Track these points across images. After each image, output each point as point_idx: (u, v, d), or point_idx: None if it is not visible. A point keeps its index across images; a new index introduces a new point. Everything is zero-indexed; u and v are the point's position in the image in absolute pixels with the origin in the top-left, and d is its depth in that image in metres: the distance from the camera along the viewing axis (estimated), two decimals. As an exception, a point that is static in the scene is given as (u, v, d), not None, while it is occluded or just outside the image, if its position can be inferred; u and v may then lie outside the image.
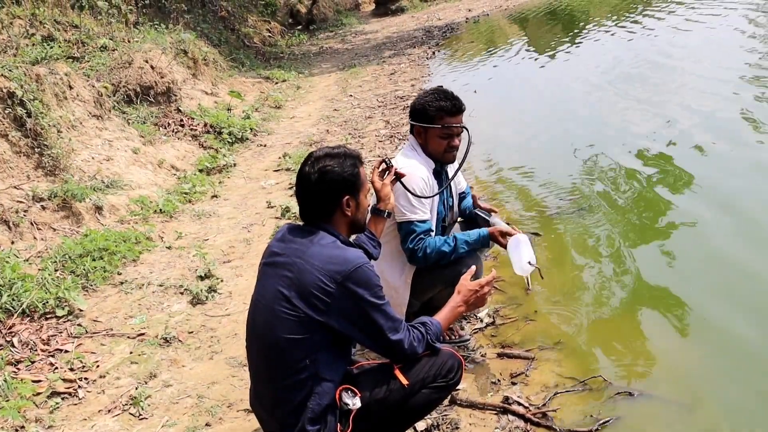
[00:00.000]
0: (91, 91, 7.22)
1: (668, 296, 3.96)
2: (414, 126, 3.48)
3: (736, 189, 5.17)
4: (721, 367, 3.32)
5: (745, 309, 3.72)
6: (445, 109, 3.38)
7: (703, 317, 3.71)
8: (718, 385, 3.18)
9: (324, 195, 2.54)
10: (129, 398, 3.61)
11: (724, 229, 4.63)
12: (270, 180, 7.32)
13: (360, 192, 2.61)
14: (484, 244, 3.48)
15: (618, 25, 13.32)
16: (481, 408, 3.20)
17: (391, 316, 2.48)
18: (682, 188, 5.36)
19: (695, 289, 3.98)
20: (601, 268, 4.41)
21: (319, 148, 2.64)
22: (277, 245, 2.57)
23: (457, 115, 3.41)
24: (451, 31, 17.60)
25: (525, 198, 5.83)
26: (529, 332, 3.80)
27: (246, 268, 5.11)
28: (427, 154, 3.47)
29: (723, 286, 3.99)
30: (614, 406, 3.06)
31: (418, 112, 3.44)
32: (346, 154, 2.59)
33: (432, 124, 3.39)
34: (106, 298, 4.74)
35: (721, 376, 3.25)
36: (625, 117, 7.53)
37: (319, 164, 2.54)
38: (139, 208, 6.20)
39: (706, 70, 8.75)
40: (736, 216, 4.78)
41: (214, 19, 15.09)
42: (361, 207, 2.63)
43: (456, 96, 3.45)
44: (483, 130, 7.58)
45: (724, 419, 2.97)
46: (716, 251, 4.40)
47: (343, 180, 2.54)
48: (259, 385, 2.59)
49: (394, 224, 3.37)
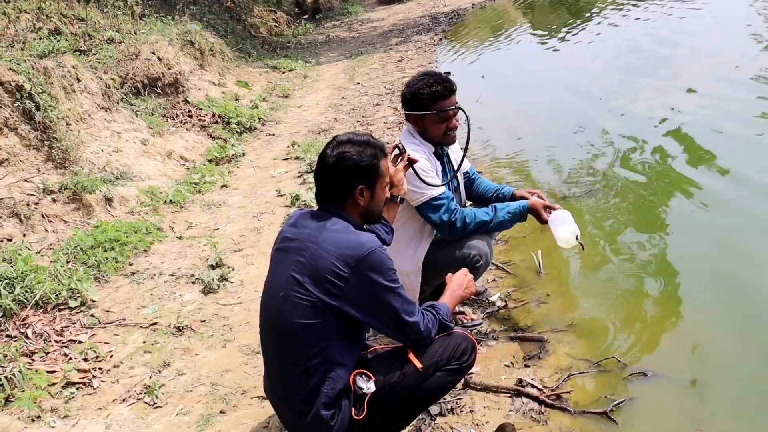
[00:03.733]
0: (99, 84, 7.22)
1: (681, 275, 3.94)
2: (409, 115, 3.44)
3: (752, 170, 5.12)
4: (736, 346, 3.31)
5: (762, 288, 3.70)
6: (438, 93, 3.35)
7: (718, 297, 3.70)
8: (733, 365, 3.17)
9: (338, 180, 2.53)
10: (143, 387, 3.62)
11: (738, 209, 4.60)
12: (279, 169, 7.32)
13: (377, 183, 2.58)
14: (522, 218, 3.46)
15: (625, 9, 13.19)
16: (494, 391, 3.20)
17: (406, 299, 2.48)
18: (694, 169, 5.32)
19: (709, 269, 3.97)
20: (612, 249, 4.39)
21: (345, 133, 2.62)
22: (290, 230, 2.56)
23: (450, 97, 3.38)
24: (458, 18, 17.49)
25: (533, 181, 5.81)
26: (541, 315, 3.80)
27: (257, 256, 5.11)
28: (426, 140, 3.45)
29: (738, 265, 3.97)
30: (628, 387, 3.07)
31: (410, 101, 3.40)
32: (368, 143, 2.57)
33: (427, 110, 3.36)
34: (118, 288, 4.76)
35: (736, 356, 3.23)
36: (633, 100, 7.48)
37: (339, 149, 2.53)
38: (149, 199, 6.20)
39: (716, 53, 8.67)
40: (751, 196, 4.75)
41: (220, 10, 15.05)
42: (376, 198, 2.60)
43: (446, 77, 3.40)
44: (491, 114, 7.54)
45: (739, 398, 2.96)
46: (730, 231, 4.37)
47: (359, 168, 2.52)
48: (272, 371, 2.59)
49: (405, 209, 3.35)
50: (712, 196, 4.84)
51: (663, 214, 4.76)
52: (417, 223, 3.49)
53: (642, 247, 4.34)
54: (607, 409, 2.91)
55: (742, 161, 5.26)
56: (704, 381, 3.05)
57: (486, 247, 3.47)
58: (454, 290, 2.83)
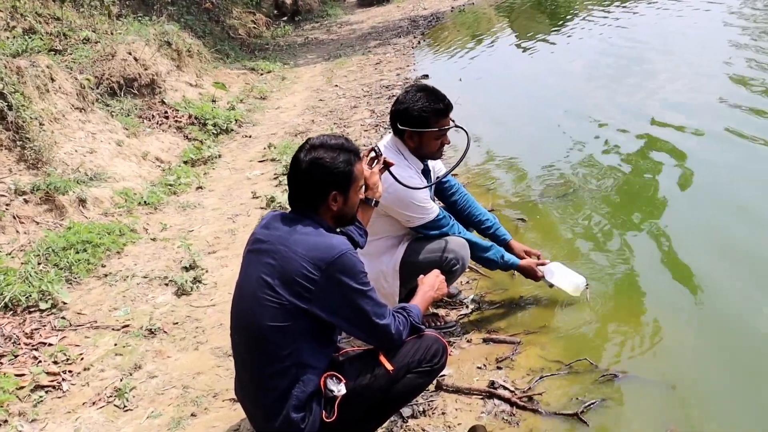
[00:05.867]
0: (74, 84, 7.15)
1: (652, 278, 3.97)
2: (405, 131, 3.43)
3: (726, 169, 5.22)
4: (706, 347, 3.33)
5: (730, 291, 3.74)
6: (441, 111, 3.40)
7: (688, 299, 3.73)
8: (703, 366, 3.20)
9: (311, 186, 2.50)
10: (113, 390, 3.59)
11: (711, 211, 4.67)
12: (255, 171, 7.29)
13: (350, 188, 2.56)
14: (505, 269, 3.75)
15: (604, 13, 13.31)
16: (467, 393, 3.20)
17: (377, 301, 2.47)
18: (668, 173, 5.37)
19: (680, 271, 3.99)
20: (585, 253, 4.41)
21: (318, 136, 2.58)
22: (262, 232, 2.55)
23: (449, 114, 3.45)
24: (437, 21, 17.53)
25: (510, 184, 5.83)
26: (514, 317, 3.81)
27: (231, 258, 5.08)
28: (417, 156, 3.49)
29: (708, 268, 4.00)
30: (599, 389, 3.07)
31: (412, 119, 3.39)
32: (342, 148, 2.53)
33: (429, 128, 3.39)
34: (90, 290, 4.71)
35: (706, 357, 3.26)
36: (609, 103, 7.55)
37: (312, 154, 2.49)
38: (124, 200, 6.15)
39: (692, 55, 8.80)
40: (725, 197, 4.82)
41: (198, 11, 14.95)
42: (349, 202, 2.58)
43: (444, 94, 3.46)
44: (467, 117, 7.54)
45: (707, 399, 2.98)
46: (702, 234, 4.42)
47: (332, 175, 2.49)
48: (243, 373, 2.57)
49: (382, 212, 3.35)
50: (688, 199, 4.91)
51: (635, 217, 4.79)
52: (394, 226, 3.50)
53: (615, 249, 4.37)
54: (579, 411, 2.92)
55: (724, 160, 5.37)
56: (674, 382, 3.06)
57: (464, 251, 3.49)
58: (426, 291, 2.84)
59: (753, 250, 4.10)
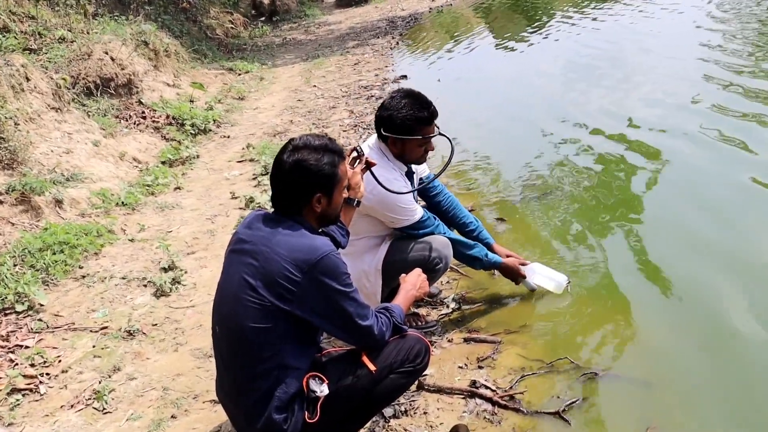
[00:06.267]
0: (50, 84, 7.07)
1: (631, 277, 4.00)
2: (388, 137, 3.42)
3: (700, 170, 5.29)
4: (685, 345, 3.36)
5: (707, 288, 3.78)
6: (425, 120, 3.39)
7: (666, 298, 3.76)
8: (682, 364, 3.23)
9: (295, 188, 2.48)
10: (92, 392, 3.55)
11: (687, 210, 4.71)
12: (234, 171, 7.25)
13: (334, 189, 2.54)
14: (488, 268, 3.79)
15: (580, 14, 13.41)
16: (448, 392, 3.21)
17: (360, 302, 2.47)
18: (644, 173, 5.42)
19: (658, 270, 4.02)
20: (565, 251, 4.44)
21: (301, 136, 2.55)
22: (244, 232, 2.53)
23: (434, 122, 3.44)
24: (415, 21, 17.56)
25: (489, 184, 5.85)
26: (495, 316, 3.82)
27: (210, 259, 5.05)
28: (401, 161, 3.49)
29: (686, 266, 4.04)
30: (580, 387, 3.09)
31: (395, 126, 3.37)
32: (326, 149, 2.51)
33: (412, 135, 3.38)
34: (67, 292, 4.66)
35: (685, 355, 3.29)
36: (586, 104, 7.61)
37: (296, 155, 2.47)
38: (101, 201, 6.08)
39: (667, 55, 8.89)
40: (700, 196, 4.88)
41: (176, 11, 14.85)
42: (333, 203, 2.57)
43: (430, 101, 3.45)
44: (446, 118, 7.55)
45: (688, 396, 3.01)
46: (678, 233, 4.46)
47: (316, 177, 2.47)
48: (224, 374, 2.56)
49: (363, 212, 3.34)
50: (664, 197, 4.97)
51: (613, 216, 4.82)
52: (376, 226, 3.50)
53: (594, 248, 4.40)
54: (560, 409, 2.93)
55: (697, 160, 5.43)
56: (654, 380, 3.09)
57: (447, 250, 3.51)
58: (408, 290, 2.84)
59: (728, 249, 4.15)
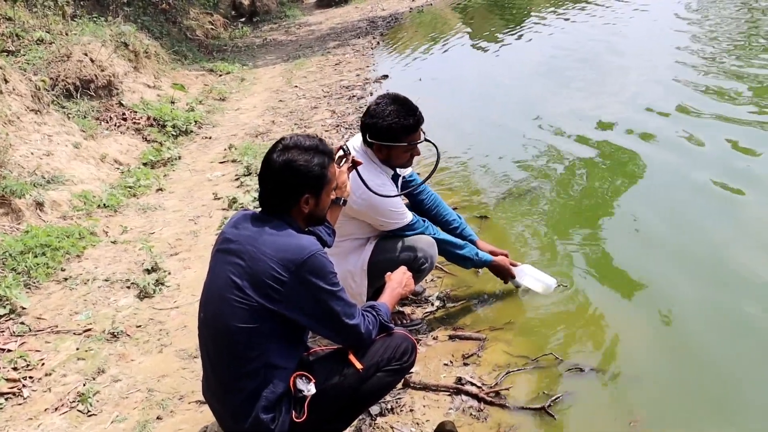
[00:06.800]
0: (29, 85, 7.01)
1: (615, 272, 4.04)
2: (373, 143, 3.42)
3: (676, 167, 5.33)
4: (668, 341, 3.40)
5: (691, 284, 3.82)
6: (409, 128, 3.39)
7: (650, 293, 3.79)
8: (665, 358, 3.26)
9: (284, 188, 2.47)
10: (76, 395, 3.53)
11: (667, 206, 4.76)
12: (216, 172, 7.23)
13: (323, 190, 2.54)
14: (479, 267, 3.82)
15: (559, 14, 13.49)
16: (434, 390, 3.22)
17: (347, 301, 2.47)
18: (623, 170, 5.48)
19: (642, 265, 4.06)
20: (547, 248, 4.46)
21: (291, 135, 2.54)
22: (231, 231, 2.52)
23: (419, 128, 3.44)
24: (395, 21, 17.58)
25: (470, 183, 5.87)
26: (479, 314, 3.84)
27: (194, 260, 5.04)
28: (388, 166, 3.50)
29: (669, 261, 4.08)
30: (565, 382, 3.12)
31: (381, 133, 3.37)
32: (316, 149, 2.50)
33: (398, 142, 3.38)
34: (50, 294, 4.63)
35: (668, 350, 3.33)
36: (563, 103, 7.65)
37: (286, 155, 2.45)
38: (82, 203, 6.05)
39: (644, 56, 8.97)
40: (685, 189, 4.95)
41: (155, 12, 14.76)
42: (321, 204, 2.56)
43: (415, 107, 3.44)
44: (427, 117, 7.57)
45: (671, 390, 3.04)
46: (661, 226, 4.52)
47: (306, 177, 2.46)
48: (211, 374, 2.55)
49: (349, 211, 3.34)
50: (644, 192, 5.02)
51: (594, 214, 4.87)
52: (362, 228, 3.51)
53: (574, 247, 4.43)
54: (545, 405, 2.96)
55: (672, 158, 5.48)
56: (638, 375, 3.12)
57: (432, 250, 3.52)
58: (394, 288, 2.85)
59: (707, 248, 4.20)
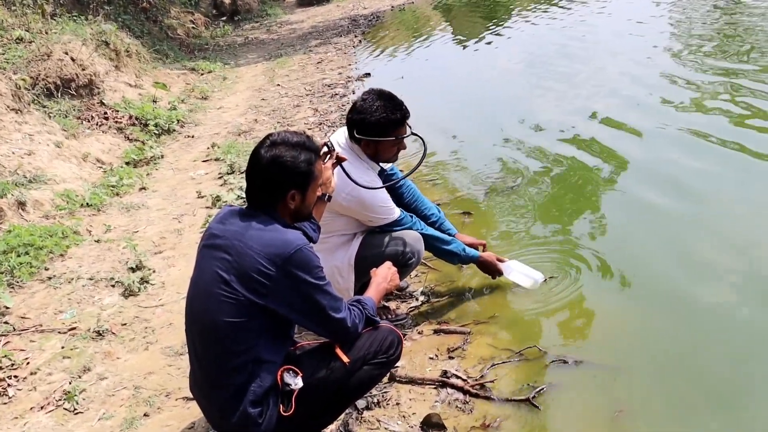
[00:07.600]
0: (8, 84, 6.97)
1: (599, 264, 4.08)
2: (361, 139, 3.44)
3: (660, 159, 5.40)
4: (651, 331, 3.44)
5: (676, 275, 3.86)
6: (398, 121, 3.42)
7: (635, 285, 3.84)
8: (649, 349, 3.30)
9: (270, 184, 2.49)
10: (62, 393, 3.52)
11: (652, 197, 4.80)
12: (199, 170, 7.22)
13: (309, 187, 2.56)
14: (466, 263, 3.85)
15: (541, 11, 13.56)
16: (420, 383, 3.25)
17: (333, 295, 2.49)
18: (607, 163, 5.52)
19: (626, 257, 4.11)
20: (532, 242, 4.50)
21: (279, 132, 2.56)
22: (217, 227, 2.53)
23: (406, 122, 3.47)
24: (377, 20, 17.59)
25: (454, 179, 5.90)
26: (464, 308, 3.87)
27: (178, 258, 5.03)
28: (374, 161, 3.53)
29: (654, 253, 4.13)
30: (550, 374, 3.16)
31: (368, 129, 3.39)
32: (303, 146, 2.52)
33: (386, 137, 3.42)
34: (33, 294, 4.61)
35: (651, 340, 3.37)
36: (547, 99, 7.72)
37: (273, 151, 2.47)
38: (65, 202, 6.02)
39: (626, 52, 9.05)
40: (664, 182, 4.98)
41: (136, 11, 14.67)
42: (307, 200, 2.58)
43: (401, 102, 3.48)
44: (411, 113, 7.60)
45: (655, 380, 3.08)
46: (646, 218, 4.57)
47: (292, 174, 2.48)
48: (198, 369, 2.56)
49: (335, 207, 3.35)
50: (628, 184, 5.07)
51: (577, 207, 4.91)
52: (348, 224, 3.52)
53: (557, 239, 4.48)
54: (530, 396, 2.99)
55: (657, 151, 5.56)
56: (622, 365, 3.16)
57: (419, 245, 3.55)
58: (380, 283, 2.87)
59: (690, 237, 4.25)
